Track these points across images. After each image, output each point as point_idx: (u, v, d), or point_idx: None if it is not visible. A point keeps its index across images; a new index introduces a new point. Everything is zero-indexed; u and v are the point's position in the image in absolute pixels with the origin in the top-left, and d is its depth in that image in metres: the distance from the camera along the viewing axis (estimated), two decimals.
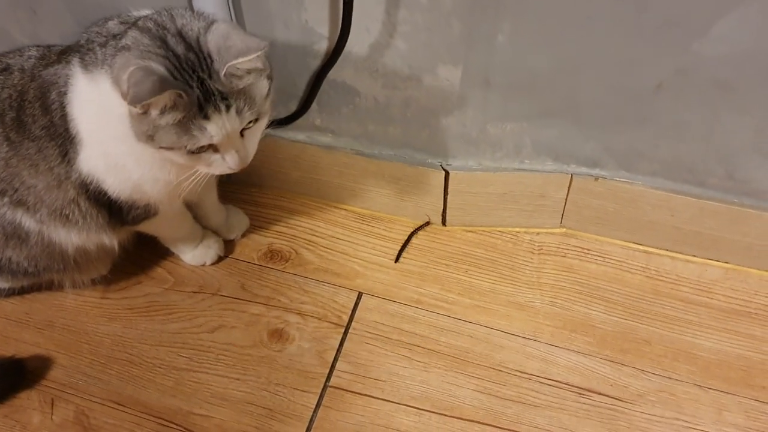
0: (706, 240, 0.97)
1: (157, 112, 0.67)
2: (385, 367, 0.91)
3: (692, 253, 1.00)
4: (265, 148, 0.83)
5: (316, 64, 0.90)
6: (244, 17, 0.87)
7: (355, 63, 0.89)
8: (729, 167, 0.89)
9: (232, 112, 0.69)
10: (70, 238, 0.86)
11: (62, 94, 0.76)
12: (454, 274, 1.01)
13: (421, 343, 0.93)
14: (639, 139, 0.90)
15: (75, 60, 0.75)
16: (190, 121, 0.68)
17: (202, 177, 0.76)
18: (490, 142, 0.95)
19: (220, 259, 1.03)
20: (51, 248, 0.87)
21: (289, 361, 0.92)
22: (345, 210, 1.09)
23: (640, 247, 1.02)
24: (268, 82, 0.72)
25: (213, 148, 0.72)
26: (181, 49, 0.68)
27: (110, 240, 0.88)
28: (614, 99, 0.86)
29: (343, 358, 0.92)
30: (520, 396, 0.89)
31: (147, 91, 0.63)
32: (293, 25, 0.87)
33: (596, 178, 0.95)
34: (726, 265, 0.99)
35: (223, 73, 0.68)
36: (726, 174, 0.90)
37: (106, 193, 0.80)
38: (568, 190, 0.98)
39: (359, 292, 0.99)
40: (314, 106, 0.95)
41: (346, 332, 0.95)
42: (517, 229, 1.05)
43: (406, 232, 1.05)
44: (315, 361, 0.92)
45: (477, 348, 0.93)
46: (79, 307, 0.98)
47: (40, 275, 0.92)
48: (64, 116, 0.76)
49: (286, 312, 0.97)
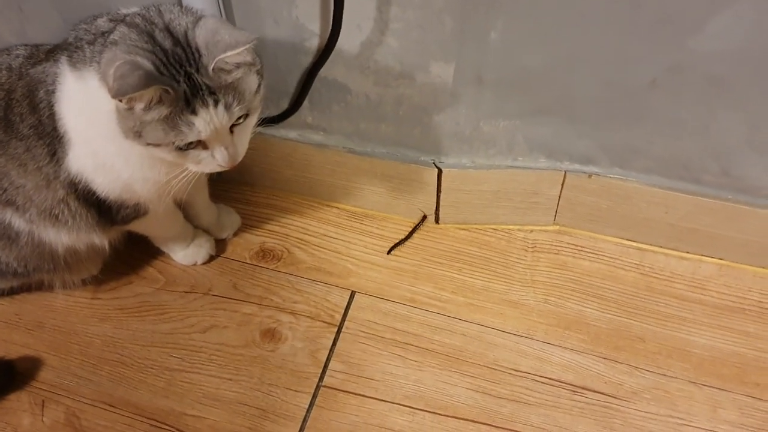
0: (700, 237, 0.97)
1: (143, 107, 0.66)
2: (378, 366, 0.91)
3: (686, 249, 1.00)
4: (257, 146, 0.82)
5: (307, 61, 0.89)
6: (234, 13, 0.86)
7: (346, 60, 0.88)
8: (724, 164, 0.89)
9: (221, 107, 0.68)
10: (60, 238, 0.85)
11: (50, 93, 0.75)
12: (448, 272, 1.00)
13: (414, 342, 0.93)
14: (633, 135, 0.89)
15: (63, 58, 0.74)
16: (177, 117, 0.67)
17: (192, 176, 0.75)
18: (483, 140, 0.94)
19: (212, 259, 1.02)
20: (41, 248, 0.86)
21: (282, 361, 0.91)
22: (337, 208, 1.08)
23: (634, 244, 1.01)
24: (258, 78, 0.71)
25: (202, 144, 0.71)
26: (168, 44, 0.67)
27: (100, 240, 0.88)
28: (608, 96, 0.85)
29: (336, 358, 0.92)
30: (515, 394, 0.88)
31: (131, 86, 0.63)
32: (284, 22, 0.86)
33: (590, 175, 0.95)
34: (720, 261, 0.99)
35: (212, 67, 0.67)
36: (721, 171, 0.90)
37: (95, 193, 0.79)
38: (562, 187, 0.97)
39: (352, 291, 0.98)
40: (306, 103, 0.94)
41: (339, 331, 0.94)
42: (511, 227, 1.04)
43: (399, 230, 1.04)
44: (308, 360, 0.92)
45: (471, 346, 0.92)
46: (70, 308, 0.97)
47: (30, 276, 0.91)
48: (52, 115, 0.75)
49: (279, 311, 0.96)
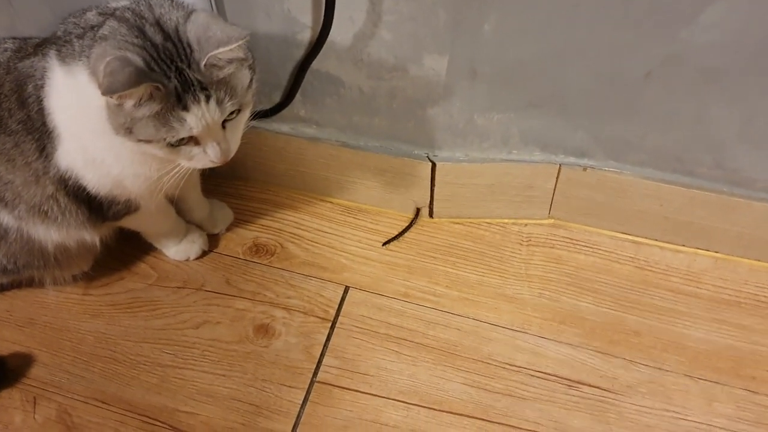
0: (695, 230, 0.97)
1: (133, 104, 0.65)
2: (372, 361, 0.90)
3: (681, 242, 0.99)
4: (249, 140, 0.82)
5: (299, 54, 0.88)
6: (225, 6, 0.85)
7: (339, 53, 0.87)
8: (718, 156, 0.88)
9: (212, 102, 0.67)
10: (50, 234, 0.84)
11: (39, 88, 0.74)
12: (442, 267, 1.00)
13: (408, 337, 0.92)
14: (628, 128, 0.89)
15: (52, 52, 0.73)
16: (169, 113, 0.66)
17: (183, 171, 0.74)
18: (478, 133, 0.93)
19: (205, 254, 1.01)
20: (30, 245, 0.85)
21: (276, 357, 0.91)
22: (331, 203, 1.07)
23: (629, 238, 1.01)
24: (250, 73, 0.71)
25: (194, 140, 0.70)
26: (159, 39, 0.66)
27: (91, 236, 0.87)
28: (602, 88, 0.85)
29: (330, 353, 0.91)
30: (509, 389, 0.88)
31: (121, 83, 0.62)
32: (275, 15, 0.85)
33: (585, 168, 0.94)
34: (715, 254, 0.99)
35: (204, 63, 0.66)
36: (715, 163, 0.89)
37: (86, 189, 0.79)
38: (557, 181, 0.97)
39: (346, 286, 0.98)
40: (298, 97, 0.93)
41: (333, 327, 0.94)
42: (505, 221, 1.04)
43: (393, 225, 1.04)
44: (302, 356, 0.91)
45: (465, 341, 0.92)
46: (61, 304, 0.96)
47: (20, 272, 0.90)
48: (41, 110, 0.74)
49: (272, 307, 0.96)
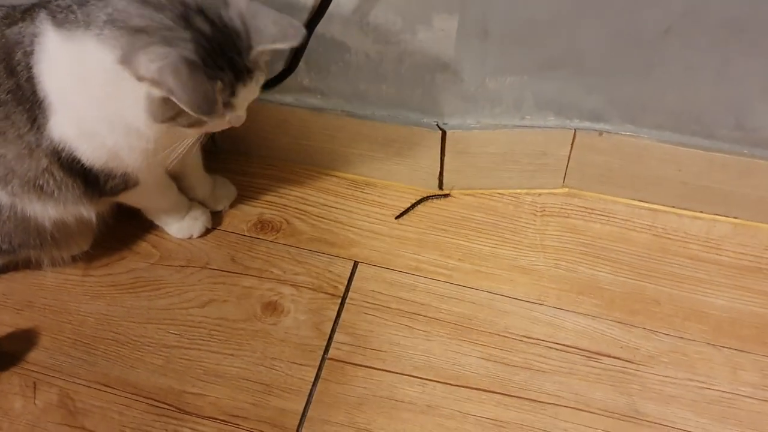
0: (714, 195, 0.94)
1: None
2: (385, 337, 0.87)
3: (700, 209, 0.96)
4: (252, 113, 0.77)
5: (302, 18, 0.84)
6: None
7: (344, 16, 0.83)
8: (739, 115, 0.85)
9: (253, 83, 0.70)
10: (47, 211, 0.80)
11: (28, 54, 0.71)
12: (454, 240, 0.96)
13: (421, 312, 0.90)
14: (645, 89, 0.85)
15: (42, 16, 0.69)
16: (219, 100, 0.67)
17: (183, 147, 0.73)
18: (489, 98, 0.90)
19: (208, 231, 0.98)
20: (26, 223, 0.81)
21: (285, 335, 0.88)
22: (337, 177, 1.04)
23: (646, 205, 0.98)
24: None
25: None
26: (207, 28, 0.65)
27: (88, 212, 0.83)
28: (619, 46, 0.81)
29: (341, 330, 0.88)
30: (528, 362, 0.85)
31: (209, 105, 0.63)
32: None
33: (600, 133, 0.91)
34: (735, 220, 0.96)
35: (255, 52, 0.67)
36: (736, 123, 0.86)
37: (80, 161, 0.75)
38: (571, 147, 0.93)
39: (355, 261, 0.95)
40: (301, 65, 0.90)
41: (343, 303, 0.91)
42: (518, 191, 1.00)
43: (402, 198, 1.00)
44: (312, 333, 0.88)
45: (480, 314, 0.89)
46: (60, 286, 0.93)
47: (16, 253, 0.87)
48: (31, 78, 0.71)
49: (280, 284, 0.92)
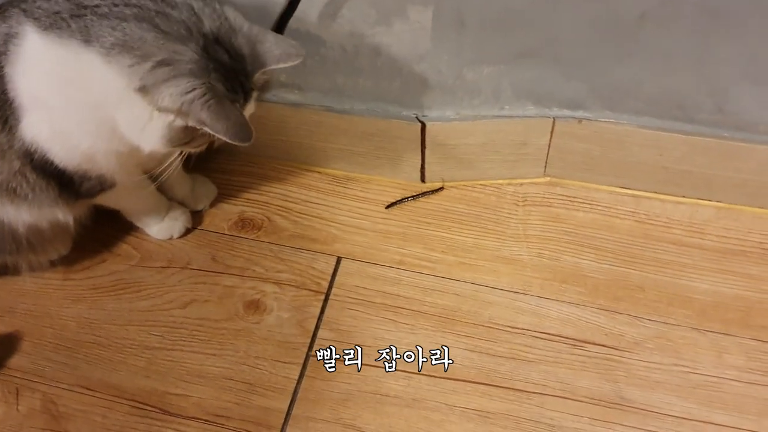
0: (696, 179, 0.93)
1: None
2: (369, 331, 0.87)
3: (682, 193, 0.96)
4: None
5: (275, 12, 0.83)
6: None
7: (318, 9, 0.82)
8: (719, 100, 0.85)
9: (253, 100, 0.72)
10: (20, 215, 0.79)
11: (0, 54, 0.69)
12: (437, 232, 0.96)
13: (405, 305, 0.89)
14: (623, 75, 0.85)
15: (20, 18, 0.68)
16: None
17: (177, 163, 0.75)
18: (468, 89, 0.89)
19: (189, 231, 0.97)
20: (0, 228, 0.80)
21: (268, 333, 0.87)
22: (318, 173, 1.03)
23: (628, 191, 0.98)
24: None
25: None
26: (226, 58, 0.67)
27: (64, 215, 0.82)
28: (595, 33, 0.81)
29: (325, 326, 0.88)
30: (513, 352, 0.85)
31: (245, 138, 0.66)
32: None
33: (580, 121, 0.91)
34: (718, 204, 0.96)
35: (260, 73, 0.70)
36: (716, 107, 0.86)
37: (53, 163, 0.74)
38: (551, 136, 0.93)
39: (338, 257, 0.94)
40: None
41: (326, 299, 0.90)
42: (500, 181, 1.00)
43: (384, 192, 1.00)
44: (295, 330, 0.87)
45: (464, 306, 0.89)
46: (40, 290, 0.92)
47: None
48: (2, 77, 0.70)
49: (262, 282, 0.92)
